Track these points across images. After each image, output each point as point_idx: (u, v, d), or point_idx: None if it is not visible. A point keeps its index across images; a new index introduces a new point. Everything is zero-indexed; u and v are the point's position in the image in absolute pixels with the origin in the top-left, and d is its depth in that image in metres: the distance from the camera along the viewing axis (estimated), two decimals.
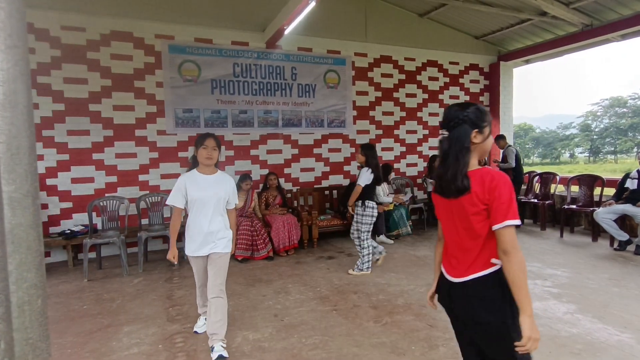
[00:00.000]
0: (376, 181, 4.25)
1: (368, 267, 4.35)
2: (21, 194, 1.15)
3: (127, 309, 3.52)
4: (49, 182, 5.15)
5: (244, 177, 5.30)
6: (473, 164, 1.47)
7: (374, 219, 4.31)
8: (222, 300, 2.63)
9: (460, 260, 1.49)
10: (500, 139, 6.92)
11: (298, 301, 3.58)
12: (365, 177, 4.19)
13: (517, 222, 1.35)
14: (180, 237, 3.05)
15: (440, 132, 1.52)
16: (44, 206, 5.14)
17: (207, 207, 2.62)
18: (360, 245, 4.34)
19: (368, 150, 4.26)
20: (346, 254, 5.24)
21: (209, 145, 2.63)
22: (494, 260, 1.42)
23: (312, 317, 3.21)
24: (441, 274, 1.62)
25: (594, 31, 6.41)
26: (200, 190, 2.61)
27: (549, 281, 3.91)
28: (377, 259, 4.58)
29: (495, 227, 1.37)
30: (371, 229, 4.34)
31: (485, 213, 1.40)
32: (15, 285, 1.13)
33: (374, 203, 4.30)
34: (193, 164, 2.75)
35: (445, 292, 1.56)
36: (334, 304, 3.50)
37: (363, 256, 4.33)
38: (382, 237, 5.80)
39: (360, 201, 4.23)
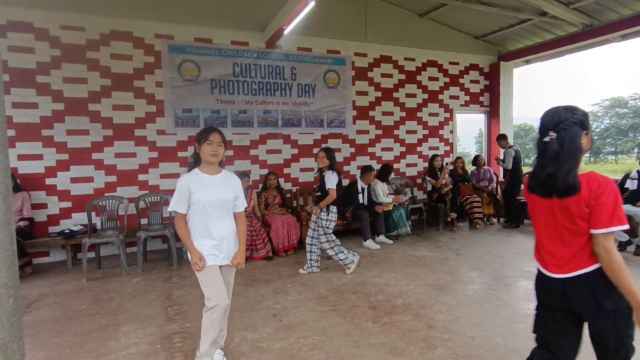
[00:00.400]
0: (340, 183, 4.28)
1: (354, 255, 4.40)
2: None
3: (126, 308, 3.51)
4: (48, 181, 5.15)
5: (242, 175, 5.29)
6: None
7: (335, 222, 4.33)
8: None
9: (558, 256, 1.59)
10: (501, 138, 6.92)
11: (297, 301, 3.58)
12: (334, 179, 4.18)
13: (623, 226, 1.44)
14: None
15: (549, 133, 1.56)
16: (43, 206, 5.14)
17: (215, 211, 2.32)
18: (333, 249, 4.33)
19: (332, 153, 4.29)
20: None
21: (214, 141, 2.30)
22: None
23: (310, 317, 3.20)
24: (541, 274, 1.69)
25: (594, 31, 6.40)
26: (207, 192, 2.30)
27: None
28: (307, 270, 4.45)
29: (595, 232, 1.46)
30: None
31: (588, 216, 1.48)
32: None
33: (336, 207, 4.31)
34: (194, 162, 2.41)
35: (559, 289, 1.59)
36: (333, 304, 3.49)
37: (341, 253, 4.33)
38: (382, 238, 5.79)
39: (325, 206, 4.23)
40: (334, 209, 4.28)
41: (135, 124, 5.55)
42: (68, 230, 4.97)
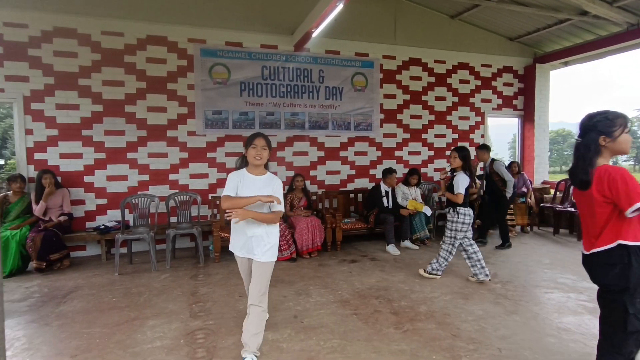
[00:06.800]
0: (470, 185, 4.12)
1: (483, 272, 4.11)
2: None
3: (153, 303, 3.63)
4: (87, 179, 5.42)
5: None
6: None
7: (466, 225, 4.11)
8: (259, 310, 2.51)
9: (585, 237, 1.99)
10: (484, 149, 5.84)
11: (318, 304, 3.56)
12: (464, 182, 4.02)
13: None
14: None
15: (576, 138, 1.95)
16: (82, 202, 5.41)
17: (253, 209, 2.47)
18: (445, 251, 4.19)
19: (465, 152, 4.14)
20: (369, 257, 5.17)
21: (258, 145, 2.52)
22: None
23: (331, 320, 3.18)
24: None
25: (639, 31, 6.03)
26: (249, 190, 2.49)
27: (585, 295, 3.69)
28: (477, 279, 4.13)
29: (626, 214, 1.72)
30: None
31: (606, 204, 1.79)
32: None
33: (466, 209, 4.06)
34: (241, 163, 2.64)
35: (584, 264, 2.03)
36: (355, 308, 3.46)
37: (443, 260, 4.20)
38: (407, 243, 5.68)
39: None
40: (463, 210, 4.06)
41: (167, 125, 5.75)
42: (103, 226, 5.21)
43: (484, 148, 5.88)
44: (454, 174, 4.14)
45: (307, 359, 2.58)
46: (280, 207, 2.54)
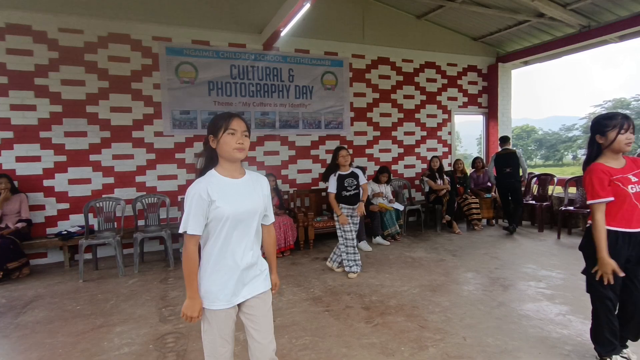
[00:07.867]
0: None
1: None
2: None
3: (121, 309, 3.53)
4: (46, 183, 5.18)
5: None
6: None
7: None
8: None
9: None
10: (501, 141, 6.67)
11: (291, 302, 3.58)
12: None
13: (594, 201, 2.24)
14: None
15: None
16: (41, 207, 5.17)
17: (243, 228, 1.65)
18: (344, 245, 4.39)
19: None
20: None
21: (239, 129, 1.61)
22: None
23: (303, 318, 3.21)
24: None
25: (591, 32, 6.40)
26: (233, 202, 1.61)
27: (543, 282, 3.90)
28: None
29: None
30: None
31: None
32: None
33: None
34: (207, 163, 1.70)
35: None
36: (327, 304, 3.50)
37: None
38: (379, 239, 5.79)
39: None
40: None
41: (132, 126, 5.57)
42: (65, 232, 4.99)
43: (501, 139, 6.69)
44: (346, 172, 4.40)
45: (279, 357, 2.58)
46: (273, 218, 1.87)
